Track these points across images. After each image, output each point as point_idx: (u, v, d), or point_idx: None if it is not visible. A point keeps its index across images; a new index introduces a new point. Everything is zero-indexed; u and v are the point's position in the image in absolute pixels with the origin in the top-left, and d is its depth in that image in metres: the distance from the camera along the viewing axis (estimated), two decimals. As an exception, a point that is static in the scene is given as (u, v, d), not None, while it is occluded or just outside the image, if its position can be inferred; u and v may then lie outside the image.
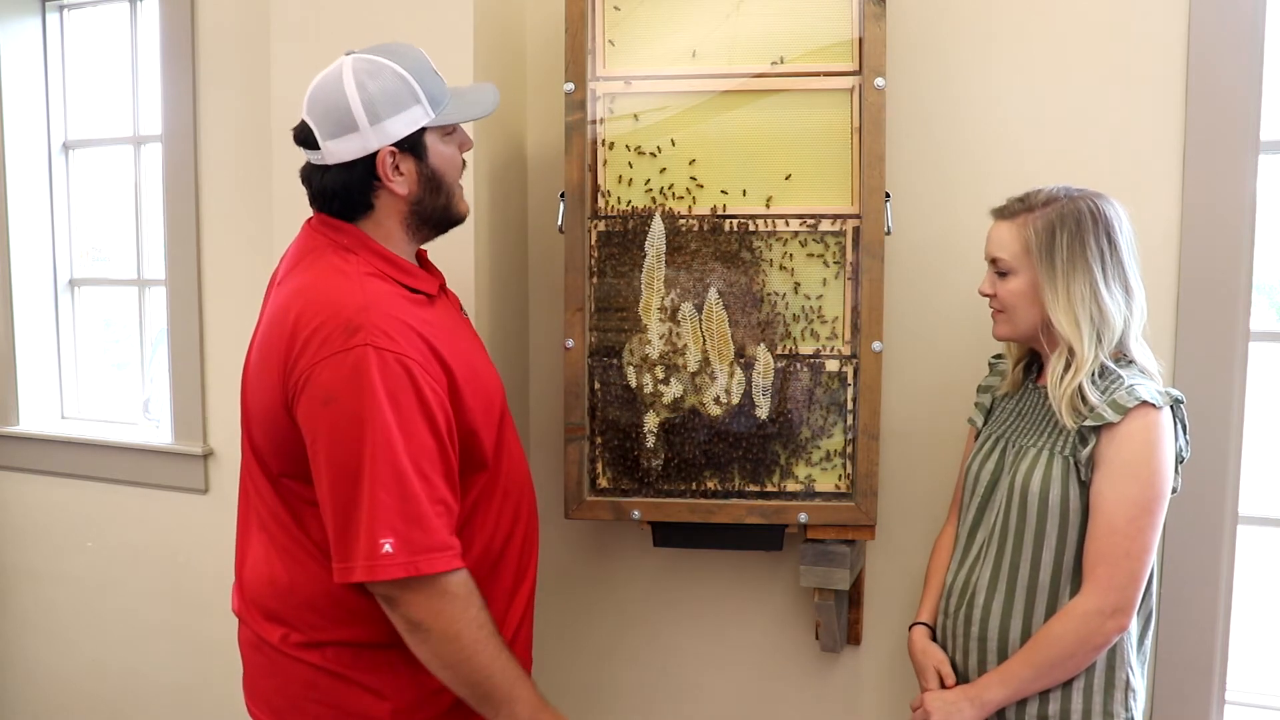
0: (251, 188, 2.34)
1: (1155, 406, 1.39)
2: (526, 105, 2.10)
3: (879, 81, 1.69)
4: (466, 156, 1.50)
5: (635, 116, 1.77)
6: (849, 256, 1.74)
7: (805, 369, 1.77)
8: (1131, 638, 1.45)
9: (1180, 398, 1.45)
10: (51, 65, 2.76)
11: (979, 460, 1.59)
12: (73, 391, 2.86)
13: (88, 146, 2.82)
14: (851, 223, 1.73)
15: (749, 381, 1.78)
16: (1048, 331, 1.49)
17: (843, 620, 1.94)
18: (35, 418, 2.78)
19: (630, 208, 1.79)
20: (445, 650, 1.30)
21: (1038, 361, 1.61)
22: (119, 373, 2.93)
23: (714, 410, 1.79)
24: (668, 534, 1.85)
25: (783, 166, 1.74)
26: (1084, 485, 1.44)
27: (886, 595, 1.98)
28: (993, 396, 1.67)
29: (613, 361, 1.81)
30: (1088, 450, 1.42)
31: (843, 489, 1.77)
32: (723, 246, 1.77)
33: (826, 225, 1.74)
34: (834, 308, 1.76)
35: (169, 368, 2.56)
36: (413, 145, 1.39)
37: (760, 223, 1.75)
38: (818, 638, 1.97)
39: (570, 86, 1.77)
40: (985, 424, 1.65)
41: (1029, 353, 1.62)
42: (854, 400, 1.76)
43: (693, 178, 1.77)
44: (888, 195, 1.72)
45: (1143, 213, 1.54)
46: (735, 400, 1.78)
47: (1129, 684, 1.46)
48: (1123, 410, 1.39)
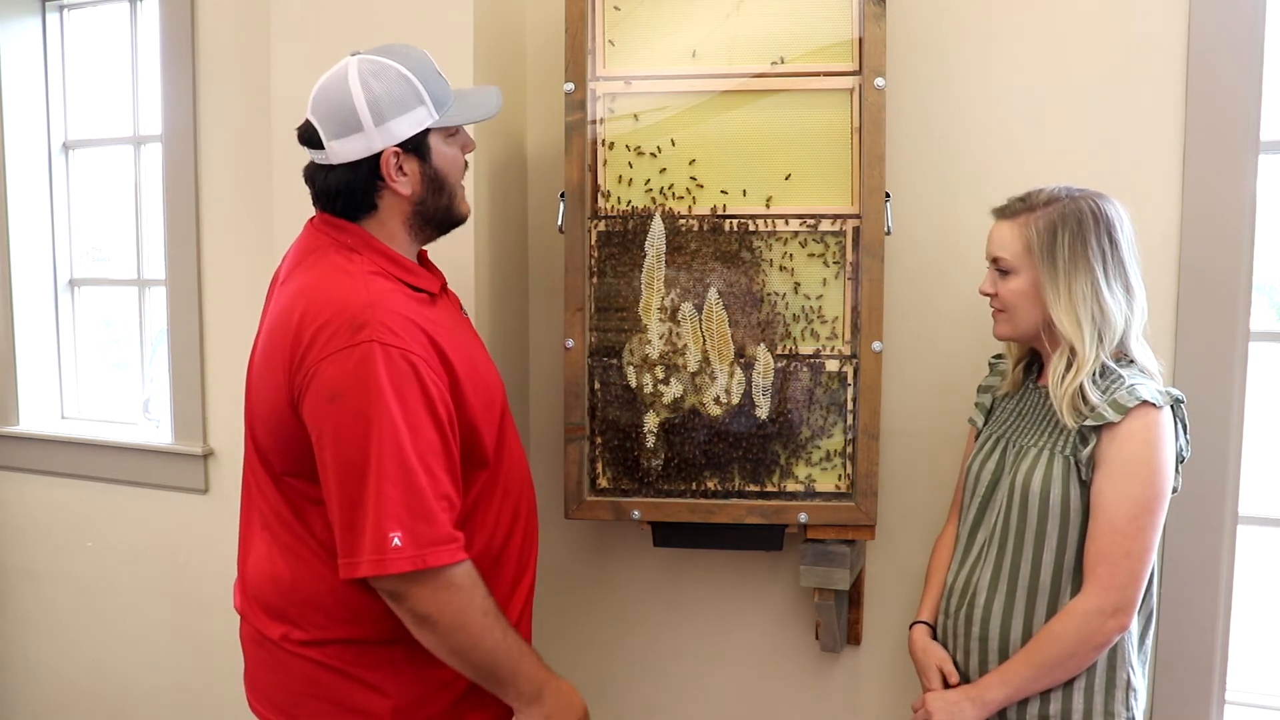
0: (251, 188, 2.34)
1: (1156, 406, 1.39)
2: (526, 105, 2.10)
3: (879, 81, 1.69)
4: (468, 157, 1.51)
5: (635, 116, 1.77)
6: (849, 256, 1.74)
7: (805, 369, 1.77)
8: (1132, 637, 1.45)
9: (1180, 397, 1.45)
10: (51, 65, 2.76)
11: (979, 460, 1.59)
12: (73, 391, 2.86)
13: (88, 146, 2.82)
14: (851, 223, 1.73)
15: (749, 381, 1.78)
16: (1049, 331, 1.49)
17: (843, 620, 1.94)
18: (35, 418, 2.78)
19: (630, 208, 1.79)
20: (453, 640, 1.32)
21: (1038, 361, 1.61)
22: (119, 373, 2.93)
23: (714, 410, 1.79)
24: (668, 534, 1.85)
25: (783, 166, 1.74)
26: (1084, 485, 1.44)
27: (886, 595, 1.98)
28: (993, 396, 1.67)
29: (613, 361, 1.81)
30: (1088, 450, 1.42)
31: (843, 489, 1.77)
32: (723, 246, 1.77)
33: (826, 225, 1.74)
34: (834, 308, 1.76)
35: (169, 368, 2.56)
36: (416, 146, 1.39)
37: (760, 223, 1.75)
38: (818, 638, 1.97)
39: (570, 86, 1.77)
40: (986, 424, 1.65)
41: (1029, 352, 1.62)
42: (854, 400, 1.76)
43: (693, 178, 1.77)
44: (888, 195, 1.72)
45: (1143, 213, 1.54)
46: (735, 400, 1.78)
47: (1129, 683, 1.46)
48: (1123, 410, 1.39)
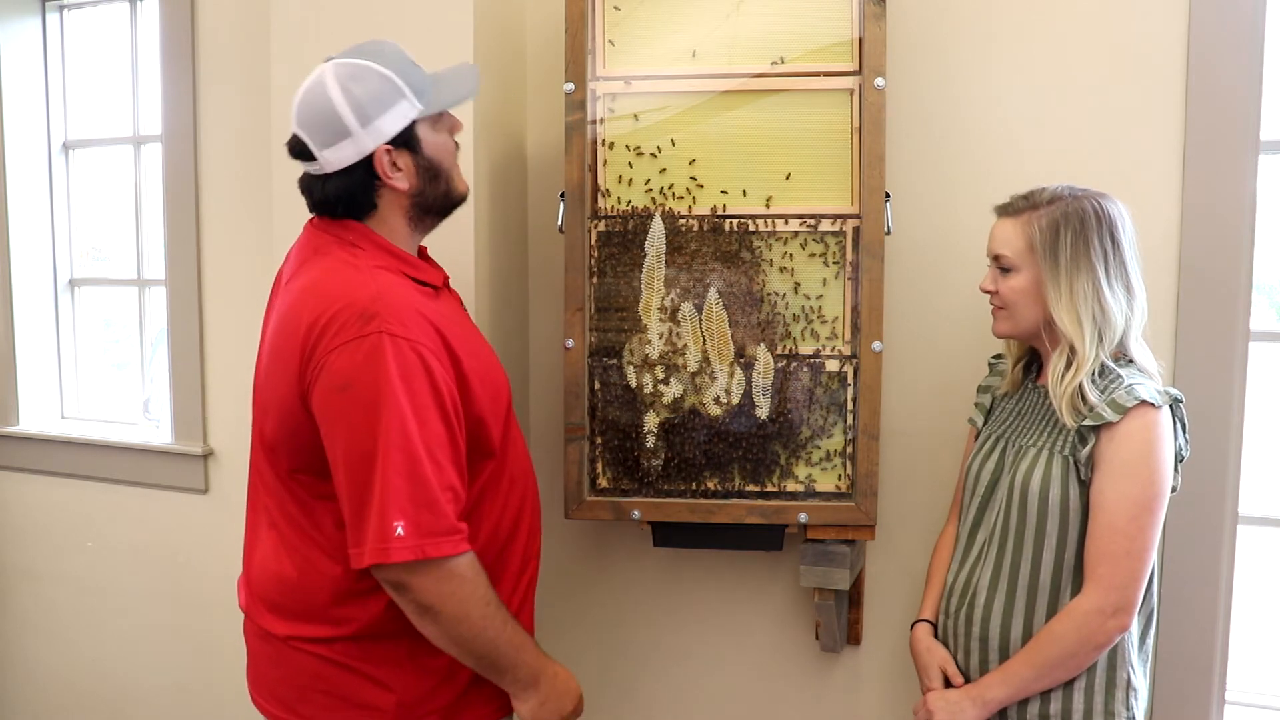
0: (251, 188, 2.34)
1: (1154, 406, 1.39)
2: (526, 105, 2.10)
3: (879, 81, 1.69)
4: (468, 150, 1.50)
5: (635, 116, 1.77)
6: (849, 256, 1.74)
7: (805, 369, 1.76)
8: (1132, 637, 1.45)
9: (1179, 397, 1.45)
10: (51, 65, 2.76)
11: (979, 460, 1.59)
12: (73, 391, 2.86)
13: (88, 146, 2.82)
14: (851, 223, 1.73)
15: (749, 381, 1.78)
16: (1049, 329, 1.49)
17: (843, 620, 1.94)
18: (35, 418, 2.78)
19: (630, 208, 1.79)
20: (456, 630, 1.33)
21: (1037, 361, 1.61)
22: (119, 373, 2.93)
23: (714, 410, 1.79)
24: (668, 534, 1.85)
25: (783, 166, 1.74)
26: (1084, 485, 1.44)
27: (886, 595, 1.97)
28: (992, 396, 1.67)
29: (613, 361, 1.81)
30: (1087, 450, 1.42)
31: (843, 489, 1.77)
32: (723, 246, 1.77)
33: (826, 225, 1.74)
34: (834, 308, 1.76)
35: (169, 368, 2.56)
36: (406, 139, 1.40)
37: (760, 223, 1.75)
38: (818, 638, 1.97)
39: (570, 86, 1.77)
40: (985, 424, 1.65)
41: (1029, 352, 1.62)
42: (854, 400, 1.76)
43: (693, 178, 1.77)
44: (888, 195, 1.72)
45: (1143, 213, 1.54)
46: (735, 400, 1.78)
47: (1130, 683, 1.46)
48: (1122, 410, 1.39)
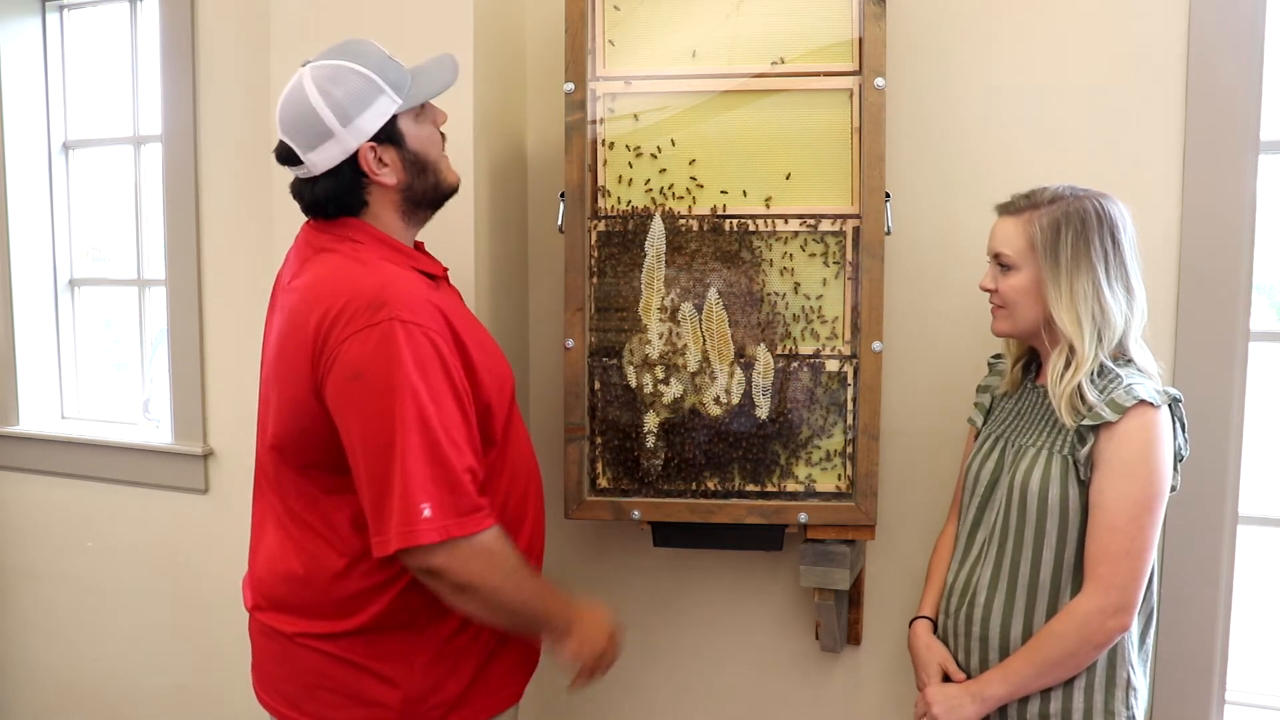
0: (251, 188, 2.34)
1: (1153, 405, 1.39)
2: (526, 105, 2.10)
3: (879, 81, 1.69)
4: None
5: (635, 116, 1.77)
6: (849, 256, 1.74)
7: (805, 369, 1.76)
8: (1133, 636, 1.45)
9: (1178, 396, 1.45)
10: (51, 65, 2.76)
11: (979, 460, 1.59)
12: (73, 391, 2.86)
13: (88, 146, 2.82)
14: (851, 223, 1.73)
15: (749, 381, 1.78)
16: (1048, 329, 1.49)
17: (843, 620, 1.94)
18: (35, 418, 2.78)
19: (630, 208, 1.79)
20: (493, 601, 1.36)
21: (1036, 361, 1.61)
22: (119, 373, 2.93)
23: (714, 410, 1.79)
24: (668, 534, 1.85)
25: (783, 166, 1.74)
26: (1083, 484, 1.44)
27: (886, 595, 1.97)
28: (992, 396, 1.67)
29: (613, 361, 1.81)
30: (1086, 449, 1.42)
31: (843, 489, 1.77)
32: (723, 246, 1.77)
33: (826, 225, 1.74)
34: (834, 308, 1.76)
35: (169, 368, 2.56)
36: (389, 135, 1.41)
37: (760, 223, 1.75)
38: (818, 638, 1.97)
39: (570, 86, 1.77)
40: (985, 424, 1.65)
41: (1028, 351, 1.62)
42: (854, 400, 1.76)
43: (693, 178, 1.77)
44: (888, 195, 1.72)
45: (1143, 213, 1.54)
46: (735, 400, 1.78)
47: (1130, 682, 1.46)
48: (1121, 409, 1.39)
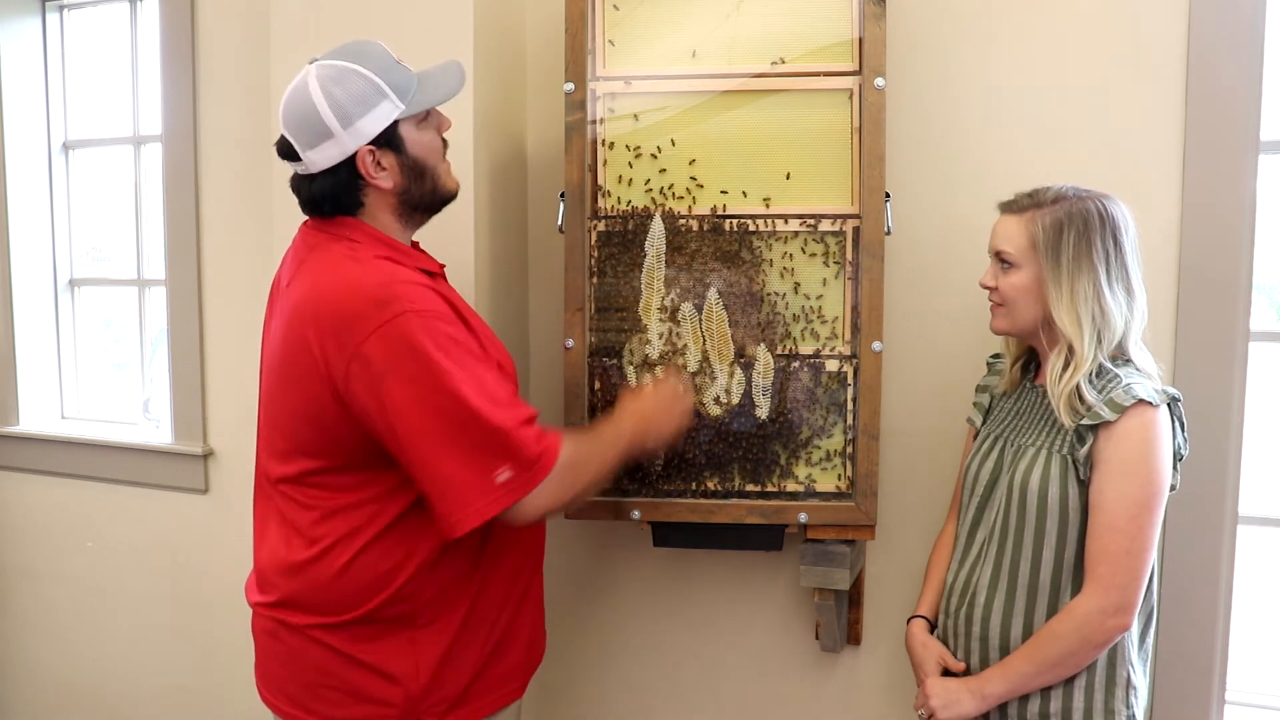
0: (251, 188, 2.34)
1: (1152, 404, 1.39)
2: (526, 105, 2.10)
3: (879, 81, 1.69)
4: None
5: (635, 116, 1.77)
6: (849, 256, 1.74)
7: (805, 369, 1.76)
8: (1133, 636, 1.45)
9: (1177, 395, 1.45)
10: (51, 65, 2.76)
11: (978, 460, 1.59)
12: (73, 391, 2.86)
13: (88, 146, 2.82)
14: (851, 223, 1.73)
15: (749, 381, 1.78)
16: (1048, 328, 1.49)
17: (843, 620, 1.94)
18: (35, 418, 2.78)
19: (630, 208, 1.79)
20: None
21: (1036, 360, 1.61)
22: (119, 373, 2.93)
23: (714, 410, 1.79)
24: (668, 534, 1.85)
25: (782, 166, 1.74)
26: (1083, 484, 1.44)
27: (886, 595, 1.97)
28: (991, 396, 1.67)
29: (613, 361, 1.81)
30: (1085, 449, 1.42)
31: (843, 489, 1.77)
32: (723, 246, 1.77)
33: (826, 225, 1.74)
34: (834, 308, 1.76)
35: (169, 368, 2.56)
36: (389, 139, 1.41)
37: (760, 223, 1.75)
38: (818, 638, 1.97)
39: (570, 86, 1.77)
40: (984, 423, 1.65)
41: (1027, 351, 1.62)
42: (854, 400, 1.76)
43: (693, 178, 1.77)
44: (888, 195, 1.72)
45: (1143, 213, 1.54)
46: (735, 400, 1.78)
47: (1130, 682, 1.46)
48: (1120, 409, 1.39)
